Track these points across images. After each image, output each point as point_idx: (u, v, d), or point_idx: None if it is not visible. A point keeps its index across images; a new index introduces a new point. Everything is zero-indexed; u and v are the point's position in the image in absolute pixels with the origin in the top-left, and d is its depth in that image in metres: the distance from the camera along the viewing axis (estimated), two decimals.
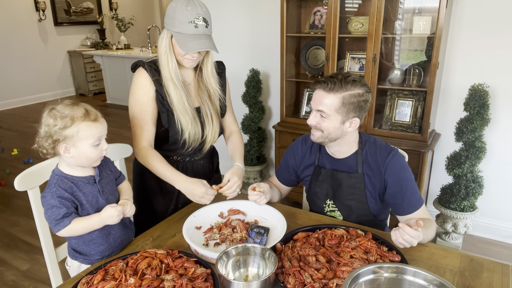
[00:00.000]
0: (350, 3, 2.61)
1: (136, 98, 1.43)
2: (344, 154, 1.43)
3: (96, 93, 7.32)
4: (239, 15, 3.13)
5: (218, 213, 1.44)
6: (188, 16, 1.31)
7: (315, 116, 1.35)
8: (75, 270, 1.27)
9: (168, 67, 1.40)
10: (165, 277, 1.04)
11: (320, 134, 1.36)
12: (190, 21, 1.31)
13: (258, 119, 3.12)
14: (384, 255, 1.14)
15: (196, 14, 1.31)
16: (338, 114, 1.31)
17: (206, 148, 1.57)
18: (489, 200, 2.57)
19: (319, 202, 1.53)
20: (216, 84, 1.54)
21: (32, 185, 1.30)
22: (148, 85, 1.42)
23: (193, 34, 1.32)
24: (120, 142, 1.62)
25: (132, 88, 1.45)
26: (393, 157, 1.37)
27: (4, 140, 4.75)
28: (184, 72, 1.49)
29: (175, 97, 1.42)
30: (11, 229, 2.87)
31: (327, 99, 1.31)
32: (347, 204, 1.46)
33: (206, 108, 1.52)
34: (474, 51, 2.37)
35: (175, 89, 1.42)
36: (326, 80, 1.31)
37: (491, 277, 1.11)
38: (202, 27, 1.33)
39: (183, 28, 1.32)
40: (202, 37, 1.34)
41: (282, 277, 1.07)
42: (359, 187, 1.42)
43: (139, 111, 1.43)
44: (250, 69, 3.05)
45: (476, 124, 2.19)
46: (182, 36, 1.33)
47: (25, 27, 6.46)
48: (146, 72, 1.42)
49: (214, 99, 1.54)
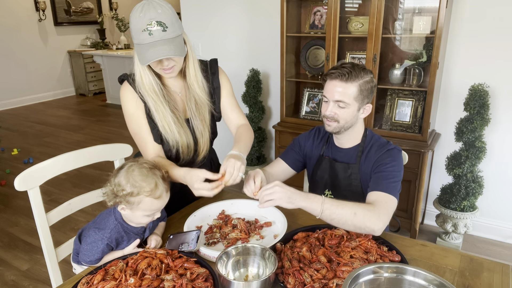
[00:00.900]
0: (350, 3, 2.61)
1: (129, 115, 1.38)
2: (349, 144, 1.48)
3: (96, 93, 7.32)
4: (239, 15, 3.13)
5: (219, 213, 1.44)
6: (141, 24, 1.18)
7: (333, 106, 1.37)
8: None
9: (143, 83, 1.33)
10: (165, 277, 1.04)
11: (336, 124, 1.40)
12: (144, 29, 1.18)
13: (258, 119, 3.13)
14: (384, 255, 1.14)
15: (148, 19, 1.17)
16: (356, 102, 1.36)
17: (198, 160, 1.50)
18: (489, 200, 2.57)
19: (318, 192, 1.55)
20: (202, 92, 1.42)
21: (32, 185, 1.30)
22: (135, 100, 1.35)
23: (148, 43, 1.19)
24: (120, 142, 1.62)
25: (122, 105, 1.38)
26: (387, 151, 1.39)
27: (4, 140, 4.75)
28: (170, 81, 1.41)
29: (156, 113, 1.34)
30: (11, 229, 2.87)
31: (346, 88, 1.34)
32: (344, 195, 1.48)
33: (195, 120, 1.43)
34: (474, 51, 2.37)
35: (154, 105, 1.34)
36: (342, 70, 1.33)
37: (491, 277, 1.11)
38: (158, 32, 1.18)
39: (138, 38, 1.20)
40: (159, 44, 1.19)
41: (282, 277, 1.07)
42: (355, 178, 1.46)
43: (137, 127, 1.38)
44: (250, 69, 3.05)
45: (476, 124, 2.19)
46: (139, 47, 1.22)
47: (25, 27, 6.46)
48: (131, 87, 1.36)
49: (202, 108, 1.43)
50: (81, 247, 1.21)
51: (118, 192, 1.13)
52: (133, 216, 1.18)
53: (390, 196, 1.29)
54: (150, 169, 1.15)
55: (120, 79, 1.41)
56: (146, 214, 1.17)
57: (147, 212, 1.16)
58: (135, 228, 1.23)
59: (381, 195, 1.28)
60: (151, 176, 1.13)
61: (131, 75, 1.38)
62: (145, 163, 1.17)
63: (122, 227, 1.20)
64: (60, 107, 6.55)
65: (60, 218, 1.40)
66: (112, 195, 1.15)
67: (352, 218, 1.19)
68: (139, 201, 1.13)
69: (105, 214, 1.23)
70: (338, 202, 1.21)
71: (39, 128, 5.35)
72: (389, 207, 1.26)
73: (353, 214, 1.19)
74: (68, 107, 6.53)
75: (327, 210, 1.19)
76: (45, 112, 6.20)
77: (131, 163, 1.17)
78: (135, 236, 1.24)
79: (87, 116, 5.97)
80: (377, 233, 1.21)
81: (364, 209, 1.21)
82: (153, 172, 1.15)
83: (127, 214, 1.18)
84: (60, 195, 3.36)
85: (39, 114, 6.11)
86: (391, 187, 1.31)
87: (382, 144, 1.43)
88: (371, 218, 1.19)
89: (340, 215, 1.19)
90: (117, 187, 1.13)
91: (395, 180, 1.34)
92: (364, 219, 1.19)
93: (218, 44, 3.33)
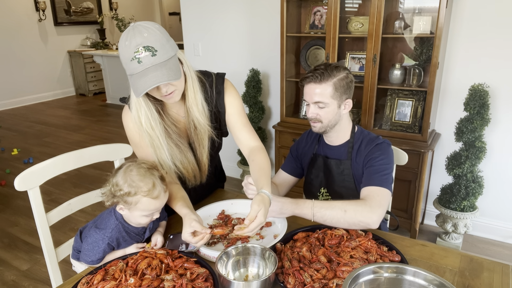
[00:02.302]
0: (350, 3, 2.61)
1: (134, 144, 1.35)
2: (339, 141, 1.52)
3: (96, 93, 7.32)
4: (239, 15, 3.13)
5: (219, 213, 1.44)
6: (128, 53, 1.08)
7: (314, 108, 1.43)
8: (82, 269, 1.28)
9: (139, 119, 1.25)
10: (165, 277, 1.04)
11: (320, 124, 1.45)
12: (132, 58, 1.07)
13: (258, 119, 3.13)
14: (384, 255, 1.14)
15: (134, 46, 1.07)
16: (334, 100, 1.41)
17: (203, 180, 1.46)
18: (489, 200, 2.57)
19: (314, 190, 1.60)
20: (202, 115, 1.31)
21: (32, 185, 1.30)
22: (136, 126, 1.29)
23: (139, 72, 1.08)
24: (120, 142, 1.62)
25: (126, 131, 1.35)
26: (376, 145, 1.43)
27: (4, 140, 4.75)
28: (175, 106, 1.33)
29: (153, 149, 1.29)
30: (11, 229, 2.87)
31: (320, 89, 1.40)
32: (338, 192, 1.52)
33: (194, 142, 1.37)
34: (474, 51, 2.37)
35: (150, 141, 1.28)
36: (314, 73, 1.40)
37: (491, 277, 1.11)
38: (147, 58, 1.07)
39: (129, 68, 1.10)
40: (150, 71, 1.08)
41: (282, 277, 1.07)
42: (348, 173, 1.49)
43: (145, 156, 1.33)
44: (250, 69, 3.05)
45: (476, 124, 2.19)
46: (132, 79, 1.11)
47: (25, 27, 6.46)
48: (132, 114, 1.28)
49: (200, 132, 1.34)
50: (82, 247, 1.21)
51: (116, 192, 1.13)
52: (131, 216, 1.18)
53: (382, 189, 1.32)
54: (148, 169, 1.15)
55: (122, 100, 1.38)
56: (144, 214, 1.17)
57: (145, 212, 1.16)
58: (136, 228, 1.23)
59: (374, 189, 1.32)
60: (148, 176, 1.13)
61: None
62: (143, 163, 1.17)
63: (123, 227, 1.20)
64: (60, 107, 6.55)
65: (60, 218, 1.40)
66: (110, 195, 1.15)
67: (343, 216, 1.22)
68: (137, 201, 1.13)
69: (105, 214, 1.23)
70: (328, 203, 1.24)
71: (39, 128, 5.35)
72: (381, 199, 1.29)
73: (343, 212, 1.22)
74: (68, 107, 6.53)
75: (318, 213, 1.24)
76: (45, 112, 6.20)
77: (129, 163, 1.17)
78: (136, 237, 1.24)
79: (87, 116, 5.97)
80: (373, 226, 1.23)
81: (354, 205, 1.25)
82: (151, 172, 1.15)
83: (126, 214, 1.18)
84: (60, 195, 3.36)
85: (39, 114, 6.11)
86: (383, 179, 1.34)
87: (372, 139, 1.46)
88: (363, 212, 1.23)
89: (331, 216, 1.24)
90: (115, 187, 1.13)
91: (386, 173, 1.37)
92: (356, 214, 1.22)
93: (218, 44, 3.34)
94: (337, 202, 1.26)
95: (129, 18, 7.17)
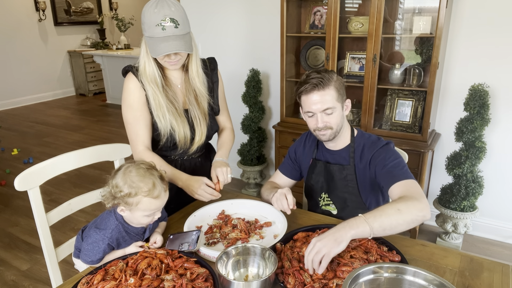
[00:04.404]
0: (350, 3, 2.61)
1: (127, 104, 1.44)
2: (340, 146, 1.49)
3: (96, 93, 7.32)
4: (239, 15, 3.13)
5: (219, 213, 1.44)
6: (155, 19, 1.28)
7: (322, 116, 1.38)
8: (84, 267, 1.28)
9: (146, 72, 1.41)
10: (165, 277, 1.04)
11: (330, 131, 1.41)
12: (157, 24, 1.28)
13: (258, 119, 3.13)
14: (384, 255, 1.14)
15: (162, 15, 1.27)
16: (339, 102, 1.40)
17: (192, 150, 1.55)
18: (489, 200, 2.58)
19: (315, 196, 1.58)
20: (202, 86, 1.51)
21: (32, 185, 1.30)
22: (138, 90, 1.43)
23: (161, 37, 1.29)
24: (120, 142, 1.62)
25: (123, 94, 1.45)
26: (382, 147, 1.40)
27: (4, 140, 4.75)
28: (172, 73, 1.49)
29: (153, 102, 1.42)
30: (11, 229, 2.87)
31: (326, 95, 1.36)
32: (341, 197, 1.50)
33: (194, 110, 1.50)
34: (474, 51, 2.37)
35: (153, 94, 1.42)
36: (314, 81, 1.35)
37: (491, 277, 1.11)
38: (171, 28, 1.29)
39: (152, 31, 1.30)
40: (171, 39, 1.30)
41: (282, 277, 1.07)
42: (351, 179, 1.46)
43: (132, 117, 1.44)
44: (250, 69, 3.05)
45: (476, 124, 2.19)
46: (151, 40, 1.31)
47: (25, 27, 6.46)
48: (136, 77, 1.42)
49: (201, 100, 1.52)
50: (82, 247, 1.21)
51: (116, 193, 1.13)
52: (133, 217, 1.18)
53: (410, 180, 1.26)
54: (148, 169, 1.15)
55: (124, 70, 1.47)
56: (146, 214, 1.17)
57: (146, 212, 1.16)
58: (136, 228, 1.23)
59: (403, 183, 1.25)
60: (148, 176, 1.14)
61: (135, 66, 1.45)
62: (142, 164, 1.17)
63: (123, 227, 1.20)
64: (60, 107, 6.55)
65: (60, 218, 1.41)
66: (110, 197, 1.15)
67: (401, 217, 1.11)
68: (138, 201, 1.13)
69: (106, 214, 1.23)
70: (376, 211, 1.12)
71: (39, 128, 5.35)
72: (417, 189, 1.22)
73: (399, 212, 1.11)
74: (68, 107, 6.53)
75: (374, 223, 1.08)
76: (45, 112, 6.20)
77: (128, 164, 1.17)
78: (136, 237, 1.24)
79: (87, 116, 5.98)
80: (428, 216, 1.14)
81: (402, 202, 1.14)
82: (150, 172, 1.15)
83: (127, 215, 1.18)
84: (60, 195, 3.36)
85: (39, 114, 6.11)
86: (405, 172, 1.30)
87: (374, 142, 1.44)
88: (415, 204, 1.13)
89: (389, 222, 1.10)
90: (115, 188, 1.13)
91: (404, 166, 1.33)
92: (410, 209, 1.12)
93: (218, 44, 3.33)
94: (383, 207, 1.13)
95: (129, 18, 7.17)
